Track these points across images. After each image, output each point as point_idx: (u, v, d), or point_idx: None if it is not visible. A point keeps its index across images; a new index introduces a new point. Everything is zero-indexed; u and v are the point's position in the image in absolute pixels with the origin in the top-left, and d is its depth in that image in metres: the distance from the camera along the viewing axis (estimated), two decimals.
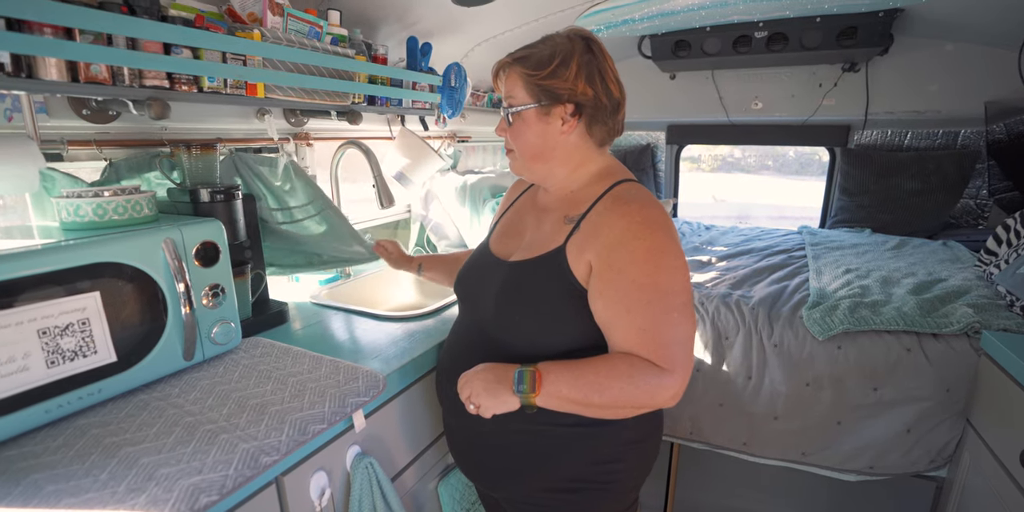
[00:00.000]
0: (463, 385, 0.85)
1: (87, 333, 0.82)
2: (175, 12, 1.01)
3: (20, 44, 0.77)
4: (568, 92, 0.83)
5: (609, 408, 0.80)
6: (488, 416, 0.83)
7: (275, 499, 0.83)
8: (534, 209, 1.00)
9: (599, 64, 0.84)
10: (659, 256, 0.79)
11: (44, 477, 0.69)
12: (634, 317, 0.78)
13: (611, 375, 0.78)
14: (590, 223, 0.85)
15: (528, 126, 0.87)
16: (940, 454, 1.35)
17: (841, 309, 1.45)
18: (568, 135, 0.87)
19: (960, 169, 2.31)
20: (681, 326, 0.79)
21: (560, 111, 0.85)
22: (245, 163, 1.29)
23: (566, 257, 0.85)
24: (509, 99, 0.88)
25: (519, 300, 0.88)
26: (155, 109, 0.97)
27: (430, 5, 1.60)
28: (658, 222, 0.82)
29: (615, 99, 0.87)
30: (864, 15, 2.06)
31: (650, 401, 0.79)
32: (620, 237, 0.80)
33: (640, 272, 0.78)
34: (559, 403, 0.80)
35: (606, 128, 0.88)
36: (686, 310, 0.80)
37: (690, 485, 1.78)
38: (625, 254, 0.79)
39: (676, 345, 0.78)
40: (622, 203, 0.84)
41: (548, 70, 0.82)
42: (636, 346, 0.79)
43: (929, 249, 2.06)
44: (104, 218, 0.92)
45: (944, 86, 2.31)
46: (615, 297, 0.79)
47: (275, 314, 1.27)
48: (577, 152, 0.90)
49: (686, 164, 3.15)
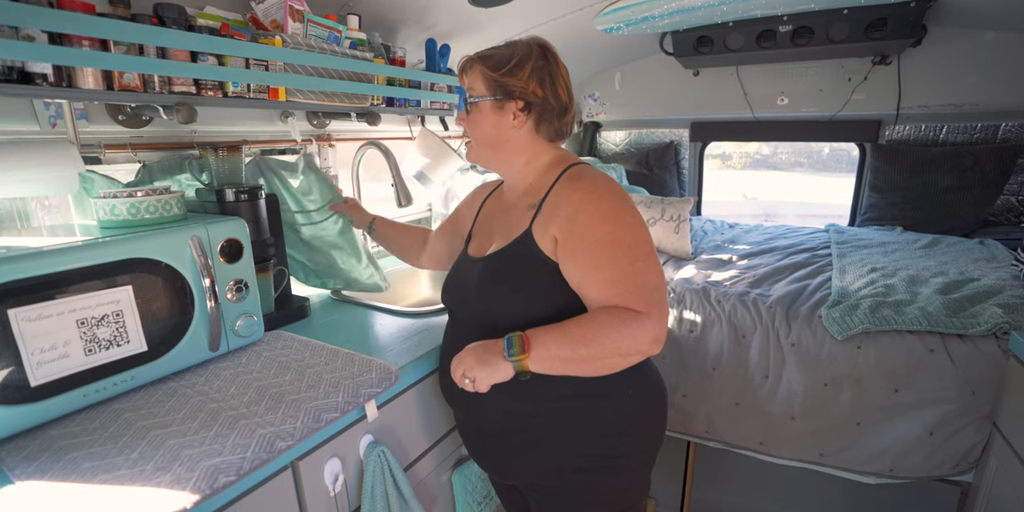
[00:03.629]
0: (456, 365, 0.90)
1: (121, 324, 0.88)
2: (203, 21, 1.07)
3: (62, 56, 0.84)
4: (520, 90, 0.92)
5: (599, 359, 0.84)
6: (484, 389, 0.87)
7: (291, 483, 0.88)
8: (501, 209, 1.07)
9: (551, 70, 0.94)
10: (614, 216, 0.87)
11: (82, 455, 0.75)
12: (603, 272, 0.85)
13: (593, 326, 0.83)
14: (550, 203, 0.93)
15: (484, 116, 0.96)
16: (965, 458, 1.31)
17: (862, 308, 1.42)
18: (519, 130, 0.96)
19: (1000, 164, 2.21)
20: (649, 273, 0.86)
21: (512, 106, 0.94)
22: (268, 166, 1.35)
23: (533, 237, 0.92)
24: (470, 91, 0.98)
25: (498, 286, 0.95)
26: (183, 114, 1.03)
27: (448, 7, 1.63)
28: (608, 188, 0.90)
29: (563, 102, 0.96)
30: (894, 6, 1.99)
31: (634, 346, 0.83)
32: (576, 207, 0.88)
33: (600, 232, 0.85)
34: (551, 363, 0.84)
35: (553, 128, 0.97)
36: (650, 259, 0.87)
37: (706, 484, 1.77)
38: (583, 220, 0.87)
39: (647, 289, 0.84)
40: (574, 180, 0.93)
41: (505, 69, 0.92)
42: (611, 297, 0.85)
43: (964, 248, 1.98)
44: (137, 217, 0.98)
45: (983, 77, 2.21)
46: (582, 259, 0.86)
47: (297, 309, 1.33)
48: (528, 146, 0.99)
49: (716, 162, 3.11)
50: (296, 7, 1.19)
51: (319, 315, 1.37)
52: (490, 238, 1.04)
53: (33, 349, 0.79)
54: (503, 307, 0.94)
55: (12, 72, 0.83)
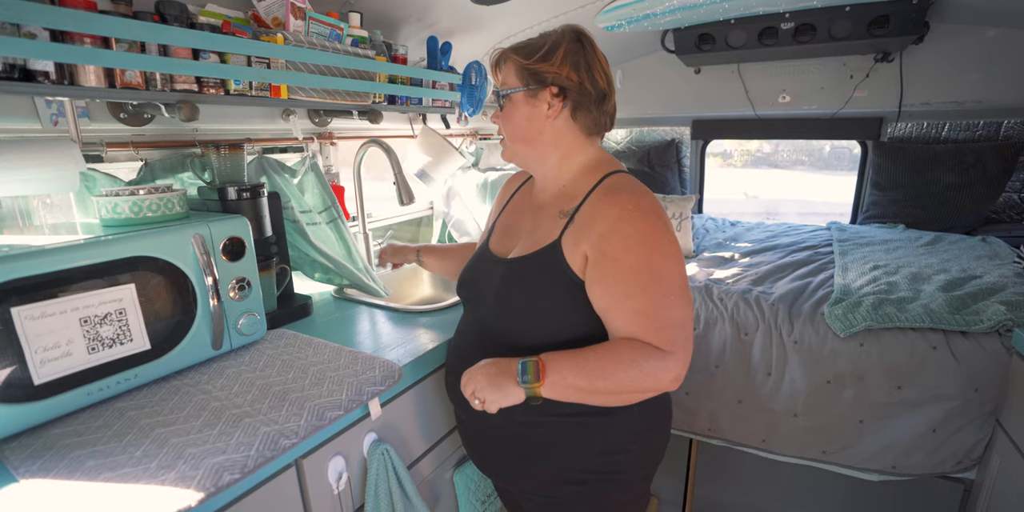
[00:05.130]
0: (466, 382, 0.87)
1: (124, 322, 0.88)
2: (204, 19, 1.07)
3: (64, 54, 0.83)
4: (553, 75, 0.88)
5: (614, 394, 0.82)
6: (494, 410, 0.85)
7: (295, 481, 0.88)
8: (530, 207, 1.02)
9: (586, 55, 0.89)
10: (653, 241, 0.81)
11: (86, 453, 0.75)
12: (632, 301, 0.80)
13: (614, 359, 0.79)
14: (584, 215, 0.87)
15: (516, 109, 0.92)
16: (968, 456, 1.31)
17: (865, 306, 1.42)
18: (554, 120, 0.91)
19: (1003, 161, 2.21)
20: (679, 308, 0.81)
21: (546, 95, 0.89)
22: (270, 165, 1.35)
23: (562, 250, 0.87)
24: (503, 86, 0.94)
25: (518, 295, 0.90)
26: (185, 111, 1.03)
27: (449, 5, 1.63)
28: (649, 209, 0.84)
29: (600, 89, 0.90)
30: (897, 2, 1.98)
31: (653, 384, 0.80)
32: (613, 225, 0.82)
33: (636, 257, 0.80)
34: (564, 392, 0.82)
35: (591, 117, 0.91)
36: (683, 293, 0.82)
37: (709, 482, 1.77)
38: (619, 241, 0.81)
39: (675, 327, 0.80)
40: (613, 193, 0.87)
41: (538, 56, 0.88)
42: (636, 330, 0.80)
43: (966, 245, 1.98)
44: (139, 215, 0.98)
45: (986, 75, 2.21)
46: (612, 283, 0.81)
47: (299, 307, 1.33)
48: (564, 138, 0.93)
49: (717, 160, 3.10)
50: (298, 4, 1.19)
51: (321, 313, 1.37)
52: (514, 237, 0.99)
53: (36, 347, 0.78)
54: (520, 317, 0.91)
55: (14, 70, 0.82)
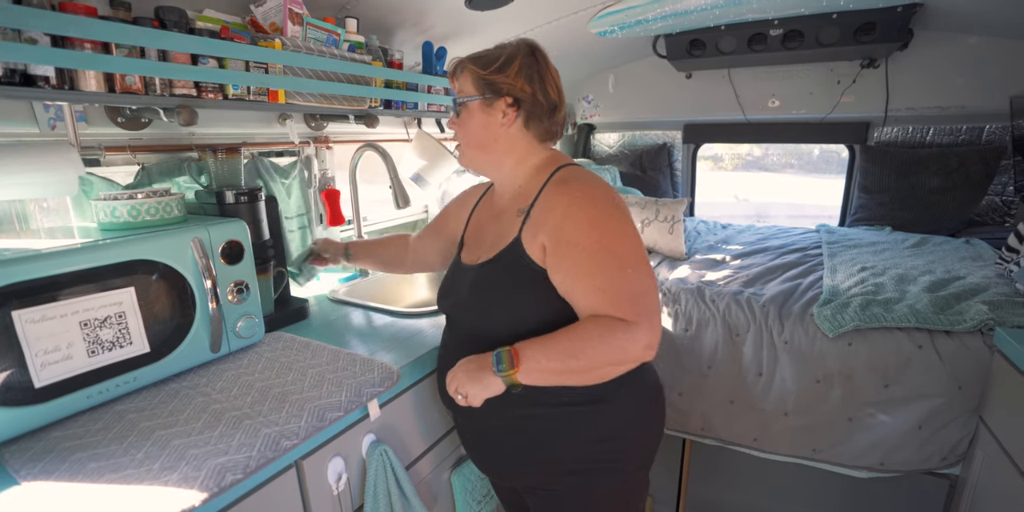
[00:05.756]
0: (449, 381, 0.91)
1: (123, 325, 0.89)
2: (202, 24, 1.08)
3: (65, 59, 0.84)
4: (508, 86, 0.93)
5: (589, 370, 0.84)
6: (478, 404, 0.88)
7: (295, 482, 0.88)
8: (492, 215, 1.06)
9: (539, 68, 0.94)
10: (603, 221, 0.86)
11: (87, 456, 0.75)
12: (592, 280, 0.84)
13: (581, 337, 0.82)
14: (538, 209, 0.92)
15: (472, 116, 0.96)
16: (953, 451, 1.34)
17: (853, 306, 1.45)
18: (508, 128, 0.96)
19: (985, 165, 2.26)
20: (638, 280, 0.84)
21: (501, 104, 0.94)
22: (264, 167, 1.37)
23: (523, 245, 0.91)
24: (459, 93, 0.98)
25: (490, 295, 0.95)
26: (184, 116, 1.04)
27: (445, 10, 1.65)
28: (597, 193, 0.89)
29: (552, 100, 0.95)
30: (881, 10, 2.03)
31: (624, 355, 0.82)
32: (564, 212, 0.87)
33: (589, 239, 0.84)
34: (541, 376, 0.85)
35: (543, 126, 0.97)
36: (639, 265, 0.85)
37: (702, 481, 1.79)
38: (572, 226, 0.86)
39: (637, 297, 0.83)
40: (563, 183, 0.92)
41: (494, 67, 0.93)
42: (599, 306, 0.84)
43: (950, 247, 2.02)
44: (138, 219, 0.98)
45: (968, 81, 2.26)
46: (572, 266, 0.86)
47: (296, 310, 1.33)
48: (517, 145, 0.98)
49: (707, 163, 3.14)
50: (296, 10, 1.20)
51: (318, 316, 1.38)
52: (482, 245, 1.04)
53: (37, 351, 0.79)
54: (495, 316, 0.95)
55: (14, 74, 0.83)
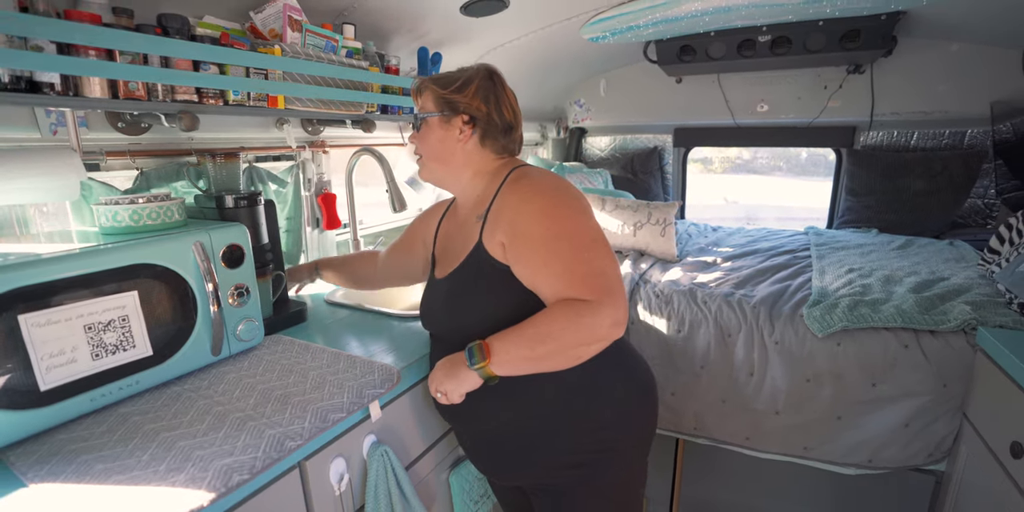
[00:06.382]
0: (429, 382, 0.96)
1: (127, 329, 0.90)
2: (202, 31, 1.09)
3: (70, 66, 0.85)
4: (465, 105, 0.99)
5: (560, 353, 0.86)
6: (458, 400, 0.93)
7: (298, 482, 0.90)
8: (456, 226, 1.11)
9: (495, 90, 1.01)
10: (553, 211, 0.90)
11: (93, 458, 0.76)
12: (551, 267, 0.87)
13: (547, 322, 0.85)
14: (494, 211, 0.97)
15: (432, 131, 1.02)
16: (938, 448, 1.38)
17: (841, 307, 1.48)
18: (465, 143, 1.01)
19: (967, 169, 2.32)
20: (596, 260, 0.87)
21: (458, 121, 1.00)
22: (259, 174, 1.38)
23: (484, 248, 0.96)
24: (421, 109, 1.05)
25: (463, 300, 0.99)
26: (185, 121, 1.05)
27: (440, 16, 1.67)
28: (545, 184, 0.94)
29: (506, 121, 1.01)
30: (866, 18, 2.08)
31: (592, 334, 0.83)
32: (517, 207, 0.92)
33: (542, 228, 0.88)
34: (514, 365, 0.87)
35: (499, 144, 1.03)
36: (596, 246, 0.88)
37: (695, 480, 1.82)
38: (524, 220, 0.90)
39: (595, 277, 0.85)
40: (513, 183, 0.97)
41: (453, 87, 0.99)
42: (561, 290, 0.86)
43: (935, 248, 2.07)
44: (139, 223, 0.99)
45: (951, 86, 2.32)
46: (530, 257, 0.89)
47: (295, 313, 1.34)
48: (473, 160, 1.03)
49: (697, 166, 3.18)
50: (295, 17, 1.22)
51: (315, 319, 1.39)
52: (449, 258, 1.08)
53: (42, 354, 0.80)
54: (471, 320, 0.98)
55: (20, 81, 0.84)
